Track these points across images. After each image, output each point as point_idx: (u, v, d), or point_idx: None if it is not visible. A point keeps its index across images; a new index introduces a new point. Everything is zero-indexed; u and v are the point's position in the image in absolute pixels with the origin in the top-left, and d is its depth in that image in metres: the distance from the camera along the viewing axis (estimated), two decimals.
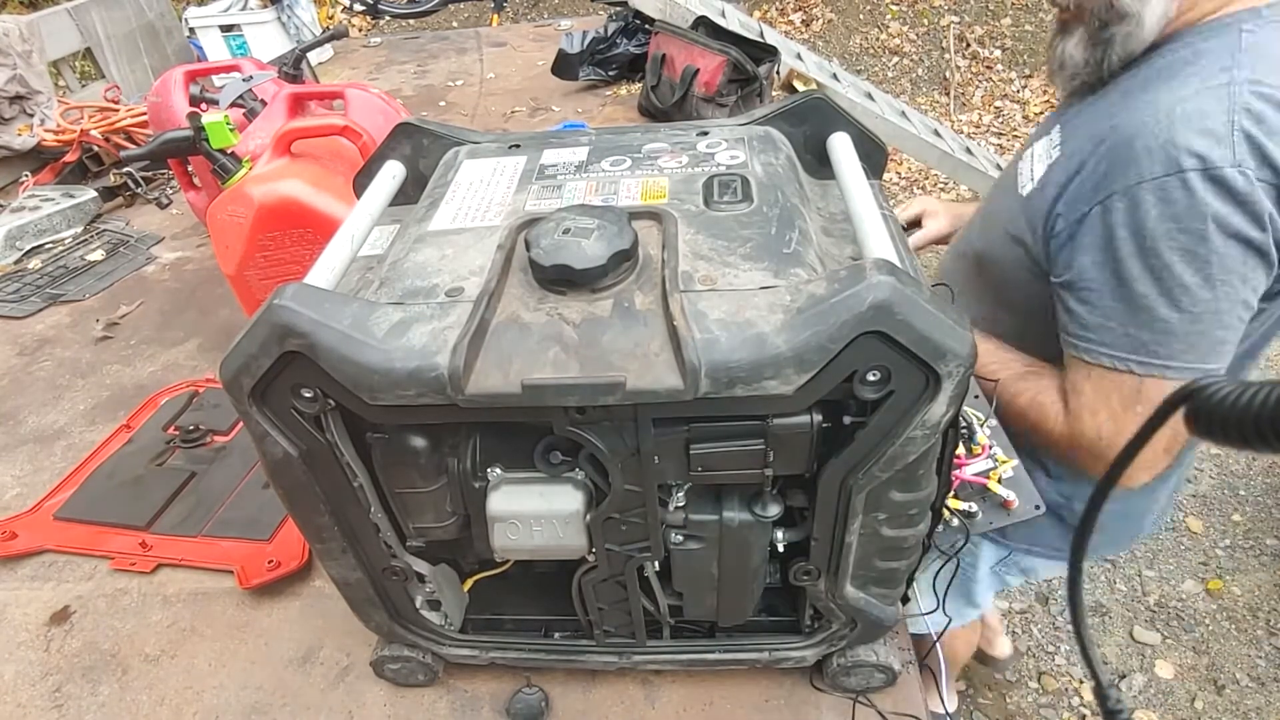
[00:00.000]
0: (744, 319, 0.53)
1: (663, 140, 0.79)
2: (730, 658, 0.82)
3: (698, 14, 2.43)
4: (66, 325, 1.70)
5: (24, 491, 1.24)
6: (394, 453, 0.63)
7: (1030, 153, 0.97)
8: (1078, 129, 0.89)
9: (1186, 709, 2.00)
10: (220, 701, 0.91)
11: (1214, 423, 0.29)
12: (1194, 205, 0.76)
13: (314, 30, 3.20)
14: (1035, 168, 0.94)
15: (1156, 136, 0.77)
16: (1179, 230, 0.77)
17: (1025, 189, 0.94)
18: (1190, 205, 0.76)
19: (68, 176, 2.35)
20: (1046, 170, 0.91)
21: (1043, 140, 0.95)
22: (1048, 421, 0.93)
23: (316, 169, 1.23)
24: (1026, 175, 0.95)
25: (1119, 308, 0.82)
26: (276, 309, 0.54)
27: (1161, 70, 0.83)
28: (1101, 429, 0.87)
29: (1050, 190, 0.88)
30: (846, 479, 0.61)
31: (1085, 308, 0.85)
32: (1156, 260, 0.78)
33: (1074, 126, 0.91)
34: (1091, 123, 0.87)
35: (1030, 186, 0.93)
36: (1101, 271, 0.82)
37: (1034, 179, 0.93)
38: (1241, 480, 2.57)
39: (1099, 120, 0.86)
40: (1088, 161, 0.84)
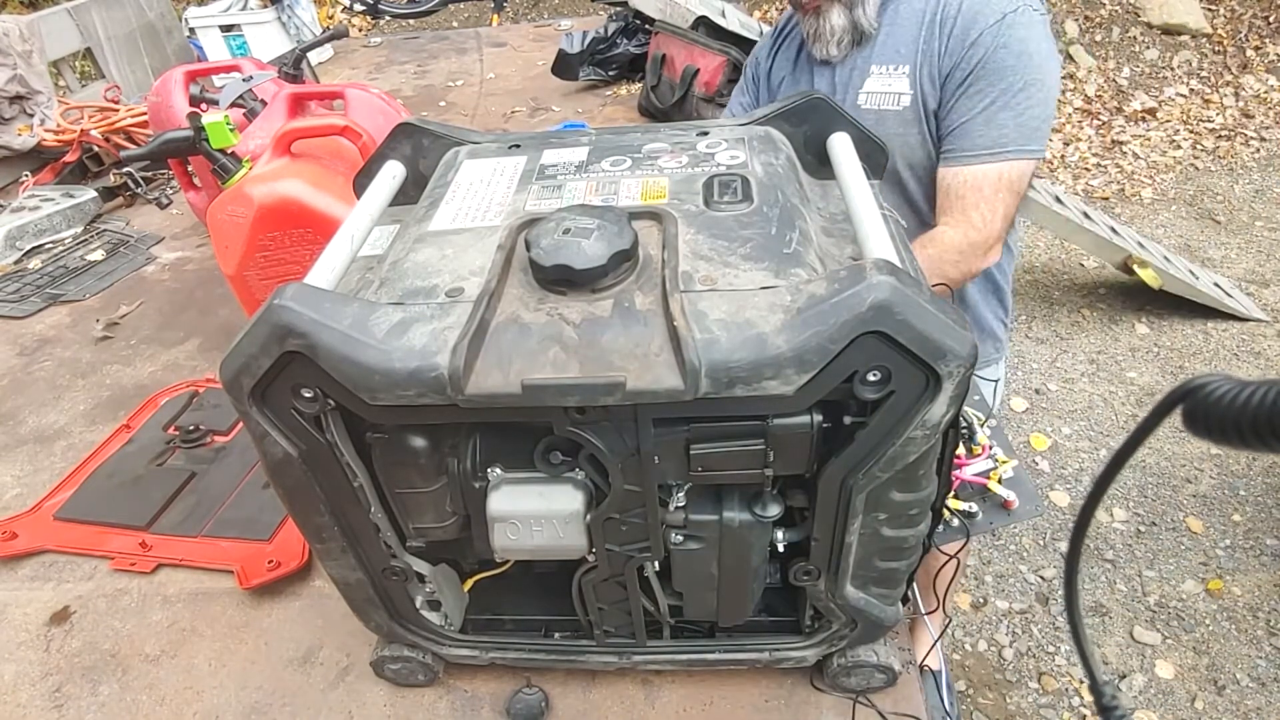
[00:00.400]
0: (744, 319, 0.53)
1: (663, 140, 0.79)
2: (730, 658, 0.82)
3: (698, 14, 2.42)
4: (66, 325, 1.70)
5: (24, 491, 1.24)
6: (394, 453, 0.63)
7: (866, 96, 1.20)
8: (896, 52, 1.16)
9: (1187, 709, 2.00)
10: (220, 701, 0.91)
11: (1210, 421, 0.29)
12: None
13: (314, 30, 3.20)
14: (892, 89, 1.17)
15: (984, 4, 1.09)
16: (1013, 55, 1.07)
17: (902, 104, 1.17)
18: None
19: (68, 176, 2.36)
20: (910, 79, 1.15)
21: (868, 81, 1.19)
22: (947, 240, 1.12)
23: (316, 169, 1.23)
24: (891, 100, 1.18)
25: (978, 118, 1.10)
26: (276, 309, 0.54)
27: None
28: (986, 216, 1.12)
29: (928, 83, 1.14)
30: (847, 479, 0.61)
31: (953, 127, 1.12)
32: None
33: (888, 55, 1.17)
34: (901, 43, 1.15)
35: (907, 98, 1.16)
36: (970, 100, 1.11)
37: (902, 94, 1.17)
38: (1241, 480, 2.57)
39: (906, 40, 1.14)
40: (939, 48, 1.11)
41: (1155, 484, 2.60)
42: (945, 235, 1.13)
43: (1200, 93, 4.85)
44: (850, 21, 1.17)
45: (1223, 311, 3.26)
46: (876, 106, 1.19)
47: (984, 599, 2.32)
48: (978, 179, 1.12)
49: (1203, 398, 0.29)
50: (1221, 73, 4.91)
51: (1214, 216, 4.00)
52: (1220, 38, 5.01)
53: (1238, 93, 4.82)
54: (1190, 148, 4.53)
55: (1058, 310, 3.44)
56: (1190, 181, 4.29)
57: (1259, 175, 4.29)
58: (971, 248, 1.13)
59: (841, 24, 1.17)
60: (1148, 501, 2.55)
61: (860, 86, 1.20)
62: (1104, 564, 2.37)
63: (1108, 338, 3.26)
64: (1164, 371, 3.08)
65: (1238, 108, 4.75)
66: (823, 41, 1.20)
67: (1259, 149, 4.48)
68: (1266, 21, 5.03)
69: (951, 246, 1.13)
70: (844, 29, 1.17)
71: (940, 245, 1.13)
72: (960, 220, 1.13)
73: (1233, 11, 5.08)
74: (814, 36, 1.20)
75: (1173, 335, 3.24)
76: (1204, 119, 4.70)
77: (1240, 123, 4.66)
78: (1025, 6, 1.09)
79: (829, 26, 1.18)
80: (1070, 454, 2.75)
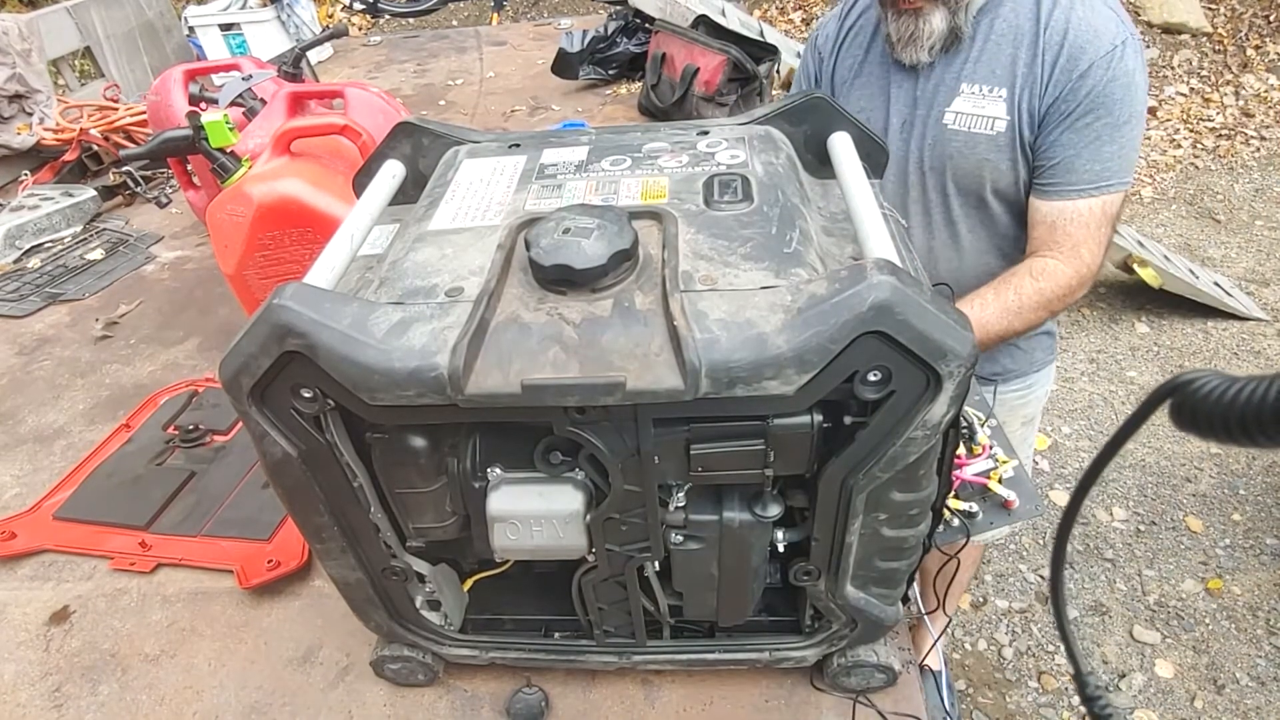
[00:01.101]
0: (744, 319, 0.53)
1: (663, 140, 0.79)
2: (730, 658, 0.82)
3: (698, 13, 2.42)
4: (66, 324, 1.70)
5: (23, 491, 1.23)
6: (394, 453, 0.63)
7: (954, 116, 1.15)
8: (992, 73, 1.11)
9: (1186, 708, 2.00)
10: (220, 701, 0.90)
11: (1199, 417, 0.29)
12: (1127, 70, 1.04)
13: (313, 29, 3.20)
14: (985, 111, 1.13)
15: (1093, 33, 1.05)
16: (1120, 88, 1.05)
17: (997, 128, 1.13)
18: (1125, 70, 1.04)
19: (67, 175, 2.36)
20: (1008, 104, 1.11)
21: (957, 100, 1.14)
22: (1060, 277, 1.09)
23: (316, 168, 1.23)
24: (983, 123, 1.13)
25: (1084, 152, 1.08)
26: (276, 309, 0.54)
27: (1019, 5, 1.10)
28: (1094, 252, 1.10)
29: (1027, 110, 1.10)
30: (847, 479, 0.61)
31: (1057, 160, 1.09)
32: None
33: (982, 75, 1.12)
34: (997, 64, 1.10)
35: (1003, 123, 1.12)
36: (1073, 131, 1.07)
37: (998, 119, 1.12)
38: (1241, 479, 2.57)
39: (1003, 60, 1.10)
40: (1042, 75, 1.07)
41: (1155, 483, 2.60)
42: (1059, 271, 1.11)
43: (1200, 92, 4.85)
44: (950, 26, 1.10)
45: (1223, 310, 3.25)
46: (967, 128, 1.14)
47: (984, 598, 2.32)
48: (1083, 214, 1.10)
49: (1190, 393, 0.29)
50: (1222, 72, 4.91)
51: (1214, 215, 4.00)
52: (1220, 37, 5.01)
53: (1238, 92, 4.82)
54: (1190, 147, 4.52)
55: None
56: (1190, 180, 4.29)
57: (1259, 174, 4.29)
58: (1081, 284, 1.12)
59: (941, 28, 1.10)
60: (1147, 501, 2.55)
61: (948, 104, 1.15)
62: (1104, 563, 2.37)
63: (1107, 337, 3.26)
64: (1164, 370, 3.08)
65: (1238, 107, 4.74)
66: (916, 45, 1.12)
67: (1259, 148, 4.48)
68: (1267, 20, 5.02)
69: (1065, 284, 1.11)
70: (942, 34, 1.11)
71: (1054, 281, 1.10)
72: (1071, 257, 1.11)
73: (1233, 10, 5.07)
74: (907, 39, 1.13)
75: (1172, 334, 3.24)
76: (1204, 118, 4.69)
77: (1240, 122, 4.66)
78: (1131, 37, 1.06)
79: (928, 29, 1.10)
80: (1070, 453, 2.75)
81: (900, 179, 1.25)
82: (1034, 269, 1.11)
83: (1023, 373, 1.42)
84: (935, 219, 1.25)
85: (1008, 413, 1.48)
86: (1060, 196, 1.11)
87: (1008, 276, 1.13)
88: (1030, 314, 1.10)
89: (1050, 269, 1.11)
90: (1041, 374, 1.46)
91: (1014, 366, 1.41)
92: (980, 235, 1.24)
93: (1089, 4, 1.08)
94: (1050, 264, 1.11)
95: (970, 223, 1.23)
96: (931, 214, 1.25)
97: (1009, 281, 1.12)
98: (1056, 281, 1.10)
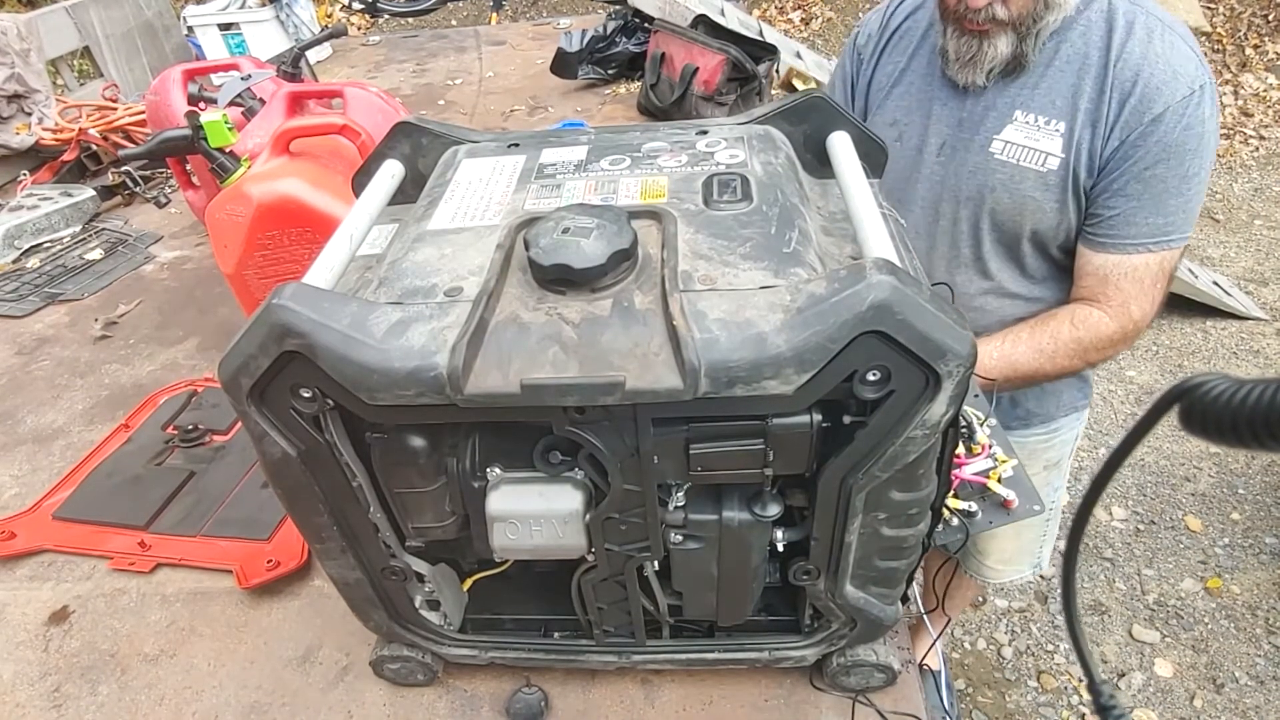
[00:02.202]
0: (744, 319, 0.53)
1: (662, 139, 0.79)
2: (730, 657, 0.82)
3: (697, 12, 2.42)
4: (65, 324, 1.70)
5: (22, 491, 1.23)
6: (393, 452, 0.63)
7: (1003, 145, 1.05)
8: (1051, 104, 1.01)
9: (1185, 707, 2.00)
10: (219, 701, 0.90)
11: (1207, 420, 0.29)
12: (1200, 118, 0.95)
13: (312, 29, 3.20)
14: (1039, 145, 1.03)
15: (1170, 73, 0.95)
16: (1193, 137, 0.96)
17: (1049, 165, 1.03)
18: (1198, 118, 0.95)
19: (66, 175, 2.35)
20: (1065, 141, 1.01)
21: (1009, 129, 1.05)
22: (1102, 330, 1.03)
23: (315, 168, 1.22)
24: (1034, 157, 1.04)
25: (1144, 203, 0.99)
26: (275, 309, 0.54)
27: (1088, 32, 1.00)
28: (1144, 310, 1.03)
29: (1085, 150, 1.01)
30: (846, 479, 0.61)
31: (1116, 211, 1.00)
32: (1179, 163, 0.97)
33: (1039, 104, 1.02)
34: (1058, 94, 1.01)
35: (1056, 160, 1.02)
36: (1139, 182, 0.98)
37: (1051, 155, 1.03)
38: (1240, 479, 2.58)
39: (1064, 91, 1.00)
40: (1109, 114, 0.98)
41: (1154, 483, 2.60)
42: (1101, 324, 1.03)
43: None
44: (1015, 52, 1.00)
45: (1222, 310, 3.26)
46: (1015, 160, 1.04)
47: (983, 598, 2.32)
48: (1139, 270, 1.01)
49: (1199, 396, 0.29)
50: (1220, 71, 4.91)
51: (1213, 215, 4.00)
52: (1219, 36, 5.01)
53: (1237, 91, 4.82)
54: None
55: None
56: None
57: (1258, 174, 4.29)
58: (1124, 340, 1.05)
59: (1006, 53, 1.00)
60: (1147, 500, 2.55)
61: (997, 131, 1.05)
62: (1103, 562, 2.37)
63: None
64: (1163, 370, 3.08)
65: (1237, 106, 4.75)
66: (975, 68, 1.03)
67: (1258, 147, 4.48)
68: (1265, 20, 5.03)
69: (1106, 337, 1.04)
70: (1005, 58, 1.01)
71: (1093, 332, 1.03)
72: (1119, 313, 1.03)
73: (1232, 10, 5.08)
74: (965, 60, 1.03)
75: (1172, 334, 3.24)
76: None
77: (1239, 121, 4.66)
78: (1210, 81, 0.97)
79: (991, 52, 1.01)
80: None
81: (930, 206, 1.15)
82: (1075, 317, 1.05)
83: (1049, 417, 1.33)
84: (963, 253, 1.16)
85: (1029, 456, 1.36)
86: (1116, 250, 1.02)
87: (1046, 318, 1.06)
88: (1063, 360, 1.04)
89: (1093, 320, 1.04)
90: (1069, 419, 1.35)
91: (1039, 410, 1.31)
92: (1007, 277, 1.15)
93: (1168, 40, 0.97)
94: (1095, 315, 1.04)
95: (999, 263, 1.14)
96: (960, 248, 1.15)
97: (1046, 324, 1.05)
98: (1097, 334, 1.03)
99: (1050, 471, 1.44)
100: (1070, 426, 1.36)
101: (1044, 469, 1.42)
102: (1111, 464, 0.36)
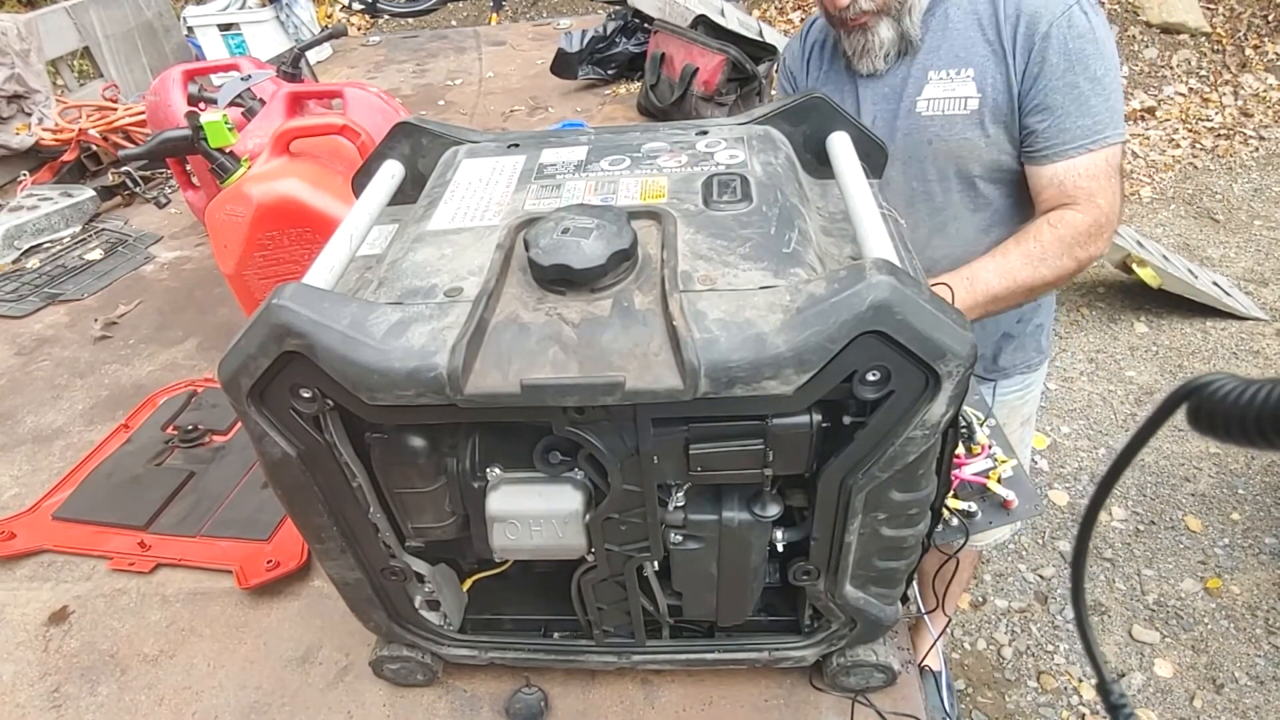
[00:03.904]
0: (743, 319, 0.53)
1: (662, 139, 0.79)
2: (730, 657, 0.82)
3: (697, 13, 2.42)
4: (65, 325, 1.70)
5: (22, 491, 1.23)
6: (393, 453, 0.63)
7: (927, 103, 1.19)
8: (956, 57, 1.15)
9: (1185, 707, 2.00)
10: (219, 701, 0.90)
11: (1215, 420, 0.29)
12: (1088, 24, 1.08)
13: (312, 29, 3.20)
14: (956, 93, 1.16)
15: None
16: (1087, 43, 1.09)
17: (970, 107, 1.16)
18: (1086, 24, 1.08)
19: (66, 175, 2.35)
20: (977, 83, 1.15)
21: (927, 88, 1.18)
22: (1079, 224, 1.11)
23: (315, 168, 1.22)
24: (956, 104, 1.17)
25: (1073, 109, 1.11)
26: (275, 309, 0.54)
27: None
28: (1109, 200, 1.12)
29: (997, 84, 1.14)
30: (846, 479, 0.61)
31: (1047, 123, 1.12)
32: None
33: (946, 60, 1.16)
34: (960, 47, 1.15)
35: (974, 101, 1.16)
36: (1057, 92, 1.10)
37: (969, 98, 1.16)
38: (1240, 479, 2.57)
39: (964, 44, 1.14)
40: (1008, 47, 1.11)
41: (1154, 483, 2.60)
42: (1076, 219, 1.12)
43: (1199, 92, 4.85)
44: (898, 33, 1.15)
45: (1221, 310, 3.26)
46: (941, 111, 1.18)
47: (983, 598, 2.32)
48: (1091, 168, 1.11)
49: (1207, 396, 0.29)
50: (1220, 72, 4.91)
51: (1213, 215, 4.00)
52: (1219, 36, 5.01)
53: (1236, 92, 4.82)
54: (1189, 147, 4.53)
55: (1056, 309, 3.44)
56: (1189, 180, 4.29)
57: (1258, 174, 4.29)
58: (1100, 230, 1.13)
59: (890, 36, 1.15)
60: (1146, 500, 2.55)
61: (919, 94, 1.18)
62: (1103, 563, 2.37)
63: (1106, 336, 3.26)
64: (1163, 370, 3.08)
65: (1236, 107, 4.75)
66: (871, 56, 1.18)
67: (1258, 148, 4.48)
68: (1265, 20, 5.03)
69: (1084, 230, 1.12)
70: (892, 41, 1.16)
71: (1071, 228, 1.11)
72: (1088, 205, 1.12)
73: (1232, 10, 5.08)
74: (861, 52, 1.18)
75: (1171, 334, 3.24)
76: (1203, 118, 4.70)
77: (1239, 122, 4.66)
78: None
79: (877, 40, 1.16)
80: (1069, 453, 2.75)
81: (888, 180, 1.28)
82: (1051, 219, 1.13)
83: (1022, 369, 1.44)
84: (919, 210, 1.27)
85: (1008, 414, 1.48)
86: (1060, 157, 1.12)
87: (1026, 228, 1.14)
88: (1055, 260, 1.11)
89: (1069, 218, 1.12)
90: (1038, 373, 1.48)
91: (1012, 364, 1.42)
92: (968, 220, 1.26)
93: None
94: (1069, 213, 1.12)
95: (957, 209, 1.25)
96: (916, 205, 1.26)
97: (1028, 232, 1.13)
98: (1075, 228, 1.11)
99: (1025, 427, 1.57)
100: (1039, 381, 1.51)
101: (1020, 425, 1.53)
102: (1119, 464, 0.36)
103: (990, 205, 1.24)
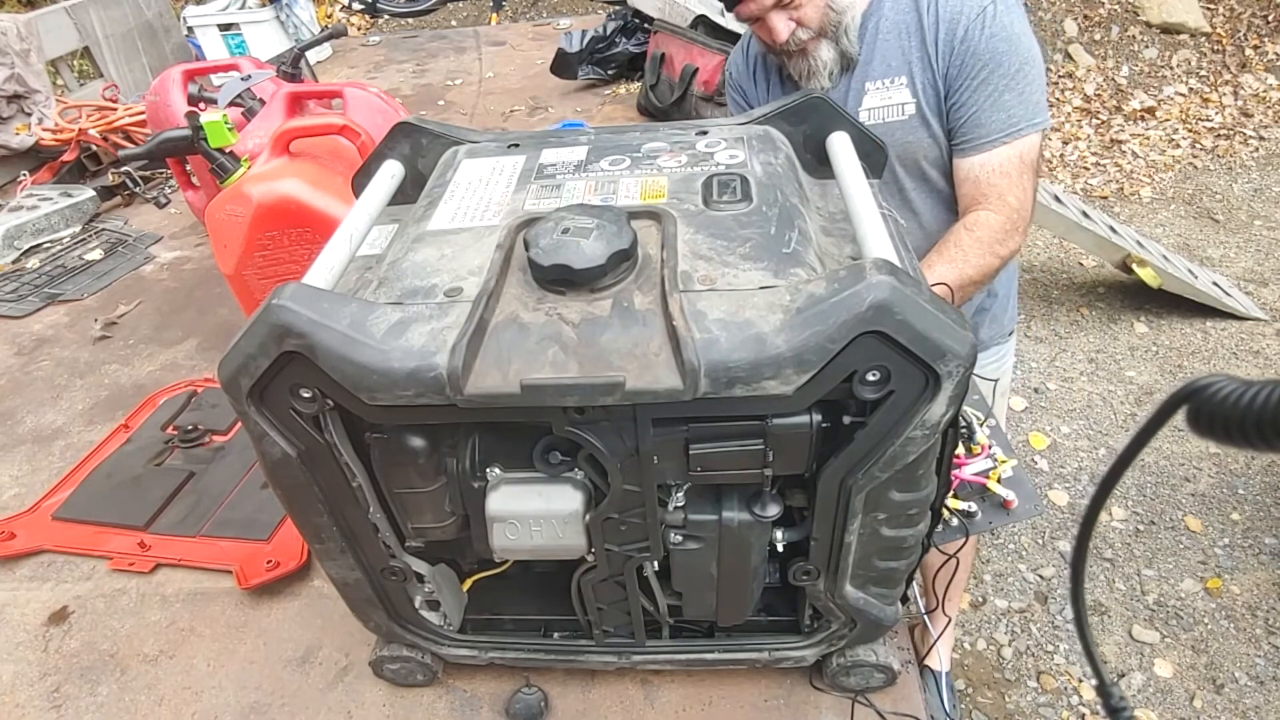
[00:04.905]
0: (743, 319, 0.53)
1: (662, 139, 0.79)
2: (730, 657, 0.82)
3: (697, 13, 2.42)
4: (65, 325, 1.70)
5: (22, 491, 1.23)
6: (393, 453, 0.63)
7: (868, 113, 1.24)
8: (889, 66, 1.20)
9: (1185, 708, 2.00)
10: (219, 701, 0.90)
11: (1215, 422, 0.29)
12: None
13: (312, 29, 3.20)
14: (893, 100, 1.22)
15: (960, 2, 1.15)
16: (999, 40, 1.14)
17: (908, 112, 1.21)
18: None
19: (66, 176, 2.36)
20: (910, 89, 1.20)
21: (866, 99, 1.23)
22: (992, 224, 1.17)
23: (315, 168, 1.22)
24: (895, 111, 1.22)
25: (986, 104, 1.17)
26: (275, 309, 0.54)
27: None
28: (1020, 196, 1.18)
29: (929, 87, 1.19)
30: (846, 479, 0.61)
31: (965, 118, 1.18)
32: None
33: (880, 71, 1.21)
34: (891, 57, 1.20)
35: (911, 106, 1.21)
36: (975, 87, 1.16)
37: (905, 103, 1.21)
38: (1240, 479, 2.57)
39: (895, 53, 1.19)
40: (931, 51, 1.17)
41: (1154, 483, 2.60)
42: (989, 219, 1.19)
43: (1199, 92, 4.85)
44: (838, 52, 1.21)
45: (1221, 310, 3.26)
46: (882, 119, 1.23)
47: (983, 598, 2.32)
48: (1001, 163, 1.18)
49: (1207, 398, 0.29)
50: (1220, 72, 4.91)
51: (1213, 215, 4.00)
52: (1219, 36, 5.01)
53: (1236, 92, 4.82)
54: (1189, 147, 4.53)
55: (1056, 309, 3.44)
56: (1189, 180, 4.29)
57: (1258, 174, 4.29)
58: (1014, 227, 1.20)
59: (831, 56, 1.21)
60: (1146, 500, 2.55)
61: (859, 105, 1.24)
62: (1103, 563, 2.37)
63: (1106, 336, 3.26)
64: (1163, 370, 3.08)
65: (1236, 107, 4.75)
66: (817, 76, 1.23)
67: (1258, 148, 4.48)
68: (1265, 20, 5.03)
69: (998, 229, 1.19)
70: (834, 60, 1.21)
71: (986, 228, 1.19)
72: (999, 205, 1.19)
73: (1231, 10, 5.08)
74: (807, 75, 1.24)
75: (1171, 334, 3.24)
76: (1203, 118, 4.70)
77: (1239, 122, 4.66)
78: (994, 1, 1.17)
79: (820, 62, 1.21)
80: (1069, 453, 2.75)
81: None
82: (966, 222, 1.21)
83: (998, 340, 1.52)
84: (891, 201, 1.31)
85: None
86: (976, 151, 1.19)
87: (945, 237, 1.22)
88: (976, 259, 1.18)
89: (981, 219, 1.19)
90: (1009, 344, 1.56)
91: (990, 336, 1.50)
92: (932, 205, 1.33)
93: None
94: (980, 215, 1.20)
95: (920, 195, 1.32)
96: (886, 198, 1.32)
97: (947, 240, 1.21)
98: (989, 228, 1.19)
99: (1002, 399, 1.63)
100: (1010, 351, 1.59)
101: (999, 397, 1.58)
102: (1119, 465, 0.36)
103: (944, 192, 1.32)
